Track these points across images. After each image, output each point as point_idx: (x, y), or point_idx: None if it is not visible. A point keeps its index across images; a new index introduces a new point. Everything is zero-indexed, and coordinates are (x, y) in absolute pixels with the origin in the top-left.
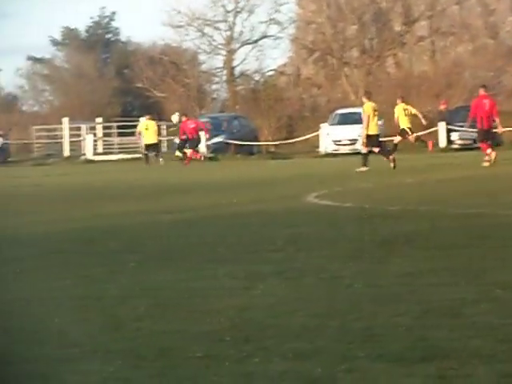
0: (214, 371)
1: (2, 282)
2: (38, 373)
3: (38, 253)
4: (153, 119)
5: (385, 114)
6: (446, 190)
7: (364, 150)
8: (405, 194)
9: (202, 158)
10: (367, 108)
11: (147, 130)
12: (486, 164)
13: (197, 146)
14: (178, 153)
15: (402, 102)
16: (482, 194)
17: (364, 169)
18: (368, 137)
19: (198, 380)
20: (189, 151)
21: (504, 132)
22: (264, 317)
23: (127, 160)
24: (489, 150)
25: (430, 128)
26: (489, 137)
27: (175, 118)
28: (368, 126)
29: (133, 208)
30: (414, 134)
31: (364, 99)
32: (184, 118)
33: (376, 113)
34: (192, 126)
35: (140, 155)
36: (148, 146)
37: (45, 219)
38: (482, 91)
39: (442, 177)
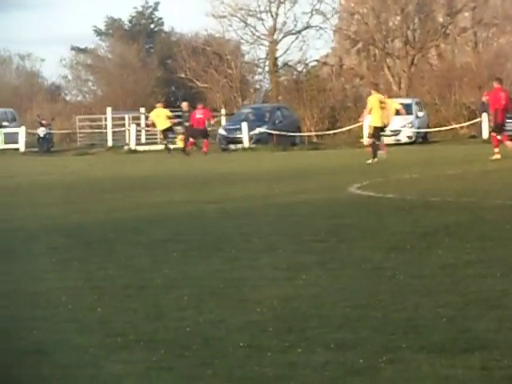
0: (256, 361)
1: (45, 271)
2: (80, 362)
3: (82, 242)
4: (164, 107)
5: (428, 105)
6: (487, 181)
7: (369, 141)
8: (446, 185)
9: (186, 150)
10: (372, 99)
11: (158, 117)
12: (496, 157)
13: (198, 136)
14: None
15: (377, 92)
16: None
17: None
18: (374, 128)
19: (240, 370)
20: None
21: None
22: (307, 307)
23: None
24: (496, 149)
25: (472, 119)
26: (502, 130)
27: (185, 106)
28: (372, 116)
29: (176, 198)
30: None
31: (372, 91)
32: (186, 107)
33: (382, 105)
34: (199, 116)
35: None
36: (164, 132)
37: (88, 209)
38: (496, 84)
39: (482, 168)
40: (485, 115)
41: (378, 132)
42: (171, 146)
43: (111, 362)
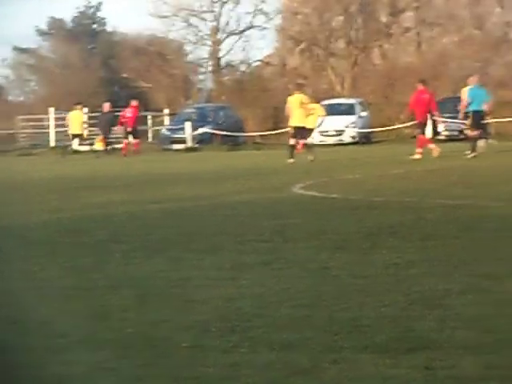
0: (200, 361)
1: None
2: (24, 363)
3: (25, 243)
4: (81, 110)
5: (371, 105)
6: (431, 181)
7: (291, 142)
8: (390, 185)
9: (124, 153)
10: (293, 100)
11: (76, 119)
12: (418, 156)
13: (128, 136)
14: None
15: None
16: (465, 186)
17: (291, 160)
18: (294, 128)
19: (184, 370)
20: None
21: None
22: (251, 307)
23: (113, 150)
24: (432, 145)
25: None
26: (422, 130)
27: (106, 107)
28: (292, 117)
29: (119, 198)
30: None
31: (295, 91)
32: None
33: (303, 105)
34: (129, 115)
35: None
36: (74, 136)
37: (31, 209)
38: (420, 86)
39: (425, 168)
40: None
41: (299, 133)
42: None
43: (54, 363)
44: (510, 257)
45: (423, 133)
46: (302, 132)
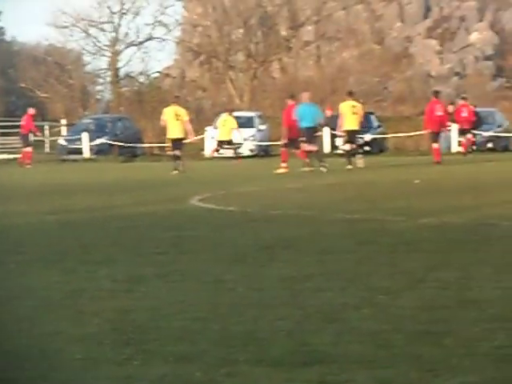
0: (93, 374)
1: None
2: None
3: None
4: None
5: (270, 118)
6: (327, 195)
7: (176, 153)
8: (287, 198)
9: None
10: (168, 111)
11: None
12: (282, 170)
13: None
14: None
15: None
16: (363, 200)
17: (175, 172)
18: (172, 140)
19: (77, 383)
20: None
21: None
22: (145, 320)
23: (10, 160)
24: (284, 164)
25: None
26: (294, 145)
27: None
28: (169, 129)
29: (15, 209)
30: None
31: (172, 103)
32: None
33: (179, 117)
34: (22, 123)
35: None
36: None
37: None
38: (290, 101)
39: (322, 181)
40: (326, 129)
41: (175, 144)
42: None
43: None
44: (405, 271)
45: (297, 148)
46: (179, 144)
